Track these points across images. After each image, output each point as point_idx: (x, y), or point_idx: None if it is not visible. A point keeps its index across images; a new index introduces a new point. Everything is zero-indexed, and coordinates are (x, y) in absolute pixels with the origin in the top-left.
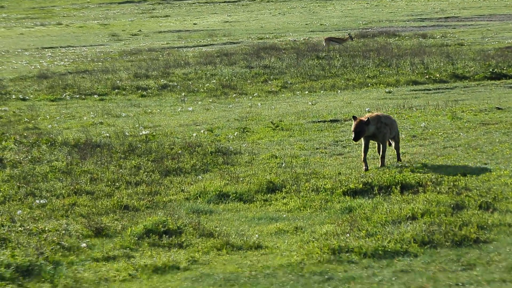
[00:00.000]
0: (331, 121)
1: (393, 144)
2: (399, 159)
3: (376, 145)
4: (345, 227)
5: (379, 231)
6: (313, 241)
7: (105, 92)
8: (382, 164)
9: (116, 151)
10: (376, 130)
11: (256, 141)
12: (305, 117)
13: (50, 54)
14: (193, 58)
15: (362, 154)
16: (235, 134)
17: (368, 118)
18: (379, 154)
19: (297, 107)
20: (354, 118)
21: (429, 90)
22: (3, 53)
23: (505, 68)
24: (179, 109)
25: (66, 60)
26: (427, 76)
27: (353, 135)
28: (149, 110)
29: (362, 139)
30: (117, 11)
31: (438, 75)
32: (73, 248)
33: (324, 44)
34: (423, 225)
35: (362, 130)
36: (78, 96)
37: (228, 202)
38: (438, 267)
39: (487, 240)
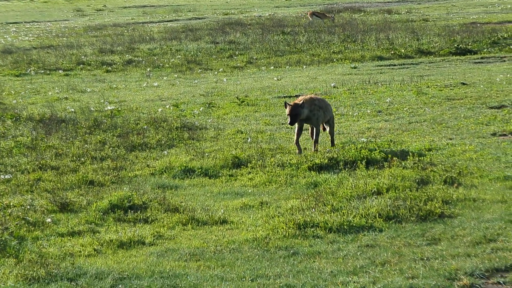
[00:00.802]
0: (297, 96)
1: (327, 128)
2: (332, 144)
3: (310, 128)
4: (311, 202)
5: (344, 206)
6: (278, 216)
7: (70, 68)
8: (315, 149)
9: (81, 126)
10: (310, 113)
11: (221, 117)
12: (271, 93)
13: (14, 29)
14: (158, 33)
15: (295, 137)
16: (200, 110)
17: (302, 101)
18: (312, 139)
19: (262, 82)
20: (286, 104)
21: (394, 65)
22: None
23: (470, 44)
24: (144, 85)
25: (30, 35)
26: (393, 52)
27: (288, 119)
28: (114, 86)
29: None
30: None
31: (403, 50)
32: (38, 223)
33: (311, 19)
34: (388, 200)
35: (298, 113)
36: (43, 71)
37: (194, 177)
38: (403, 241)
39: (452, 215)
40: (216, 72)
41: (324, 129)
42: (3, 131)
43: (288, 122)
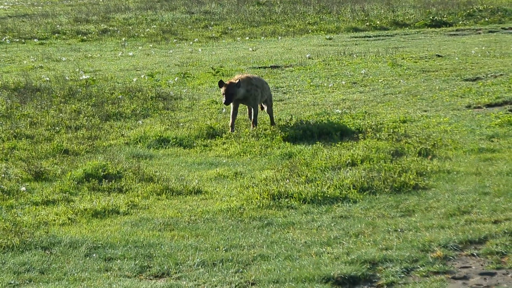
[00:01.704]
0: (272, 67)
1: (265, 107)
2: (272, 123)
3: (247, 109)
4: (285, 173)
5: (318, 177)
6: (252, 186)
7: (45, 36)
8: (255, 125)
9: (56, 95)
10: (246, 93)
11: (196, 87)
12: (246, 63)
13: None
14: (133, 3)
15: (230, 119)
16: (175, 80)
17: (238, 80)
18: (250, 119)
19: (237, 53)
20: (221, 82)
21: (370, 37)
22: None
23: (445, 16)
24: (119, 54)
25: (5, 3)
26: (368, 23)
27: (223, 99)
28: (90, 55)
29: (232, 103)
30: None
31: (378, 22)
32: (13, 191)
33: None
34: (363, 171)
35: (234, 92)
36: (18, 40)
37: (168, 147)
38: (377, 213)
39: (426, 187)
40: (191, 42)
41: (262, 108)
42: None
43: (223, 101)
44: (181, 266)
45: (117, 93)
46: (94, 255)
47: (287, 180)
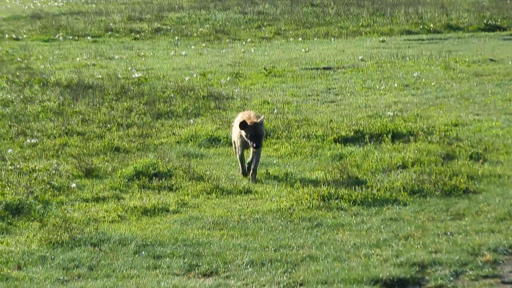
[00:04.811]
0: (324, 68)
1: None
2: (253, 176)
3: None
4: (335, 174)
5: (369, 179)
6: (303, 187)
7: (98, 34)
8: (254, 179)
9: (108, 93)
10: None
11: (248, 87)
12: (298, 64)
13: None
14: (187, 2)
15: (240, 166)
16: (227, 79)
17: (262, 118)
18: (250, 167)
19: (290, 53)
20: (244, 124)
21: (423, 40)
22: None
23: (499, 20)
24: (172, 53)
25: (60, 1)
26: (421, 26)
27: (253, 143)
28: (142, 53)
29: (239, 145)
30: None
31: (432, 25)
32: (63, 188)
33: None
34: (413, 174)
35: (263, 133)
36: (71, 37)
37: (219, 147)
38: (427, 216)
39: (477, 191)
40: (244, 43)
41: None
42: (30, 96)
43: (254, 146)
44: (229, 265)
45: (169, 92)
46: (143, 252)
47: (338, 182)
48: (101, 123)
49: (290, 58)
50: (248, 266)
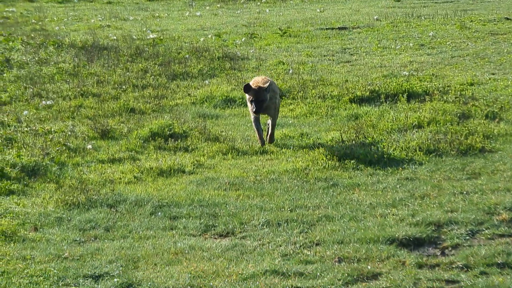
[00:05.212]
0: (339, 28)
1: (271, 119)
2: (271, 139)
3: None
4: (351, 134)
5: (384, 139)
6: (318, 147)
7: None
8: (272, 141)
9: (123, 54)
10: (269, 101)
11: (263, 47)
12: (313, 24)
13: None
14: None
15: (256, 132)
16: (242, 40)
17: (268, 83)
18: (267, 132)
19: (305, 13)
20: (248, 87)
21: None
22: None
23: None
24: (186, 14)
25: None
26: None
27: (253, 107)
28: (157, 14)
29: (250, 109)
30: None
31: None
32: (79, 149)
33: None
34: (429, 133)
35: (265, 99)
36: None
37: (234, 107)
38: (443, 175)
39: (493, 150)
40: (259, 3)
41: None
42: (45, 58)
43: (253, 110)
44: (246, 226)
45: (184, 53)
46: (159, 213)
47: (353, 142)
48: (116, 85)
49: (305, 18)
50: (264, 227)
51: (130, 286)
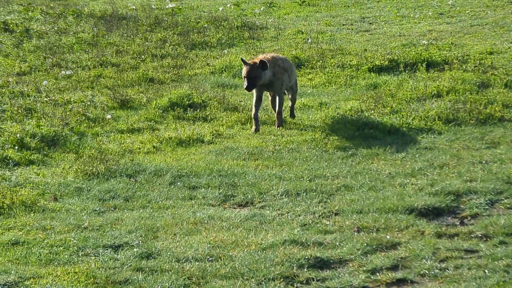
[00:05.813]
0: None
1: (289, 95)
2: (292, 115)
3: (270, 96)
4: (370, 103)
5: (403, 108)
6: (337, 117)
7: None
8: (279, 124)
9: (142, 24)
10: (272, 77)
11: (282, 16)
12: None
13: None
14: None
15: (253, 109)
16: (261, 9)
17: (264, 60)
18: (275, 110)
19: None
20: (243, 62)
21: None
22: None
23: None
24: None
25: None
26: None
27: (245, 83)
28: None
29: (255, 89)
30: None
31: None
32: (98, 119)
33: None
34: (448, 103)
35: (258, 76)
36: None
37: None
38: (462, 144)
39: None
40: None
41: (284, 93)
42: (64, 27)
43: (245, 86)
44: (265, 196)
45: (202, 22)
46: (178, 183)
47: (372, 111)
48: (135, 54)
49: None
50: (283, 196)
51: (149, 256)
